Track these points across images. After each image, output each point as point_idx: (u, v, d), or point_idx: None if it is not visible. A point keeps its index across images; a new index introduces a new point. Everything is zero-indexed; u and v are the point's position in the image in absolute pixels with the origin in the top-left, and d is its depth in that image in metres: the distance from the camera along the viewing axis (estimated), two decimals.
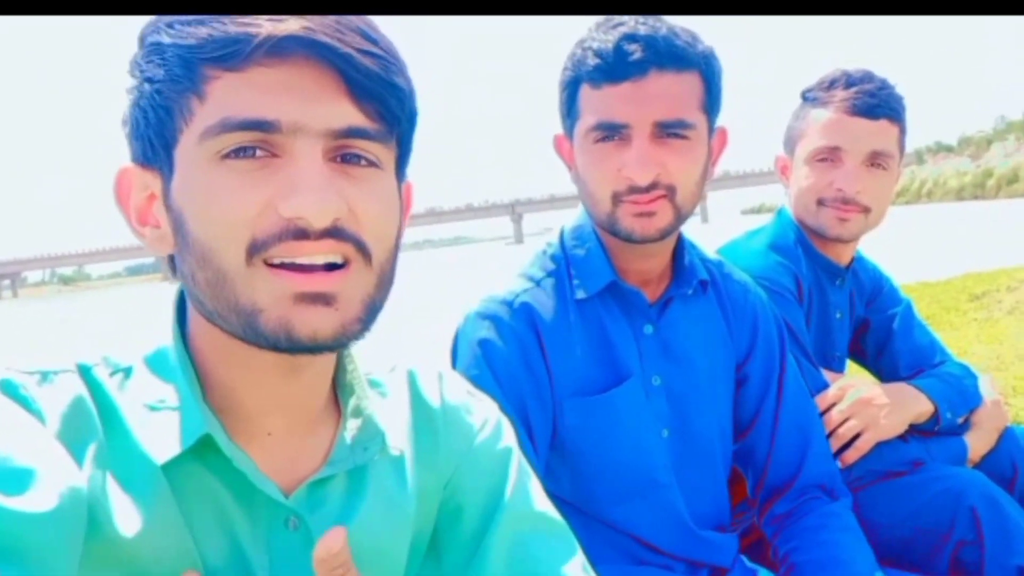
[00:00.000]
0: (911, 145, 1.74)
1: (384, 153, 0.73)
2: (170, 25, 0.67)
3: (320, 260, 0.67)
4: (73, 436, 0.66)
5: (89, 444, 0.67)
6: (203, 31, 0.65)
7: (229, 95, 0.65)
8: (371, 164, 0.71)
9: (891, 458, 1.60)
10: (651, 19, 1.23)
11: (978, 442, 1.68)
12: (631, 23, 1.22)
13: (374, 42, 0.69)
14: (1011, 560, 1.38)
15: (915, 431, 1.64)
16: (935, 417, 1.64)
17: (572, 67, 1.28)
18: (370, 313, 0.72)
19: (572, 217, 1.44)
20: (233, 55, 0.64)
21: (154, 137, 0.69)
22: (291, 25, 0.65)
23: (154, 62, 0.67)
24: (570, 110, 1.31)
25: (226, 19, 0.65)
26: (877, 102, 1.66)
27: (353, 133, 0.69)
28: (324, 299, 0.68)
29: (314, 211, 0.65)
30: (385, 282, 0.74)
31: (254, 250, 0.66)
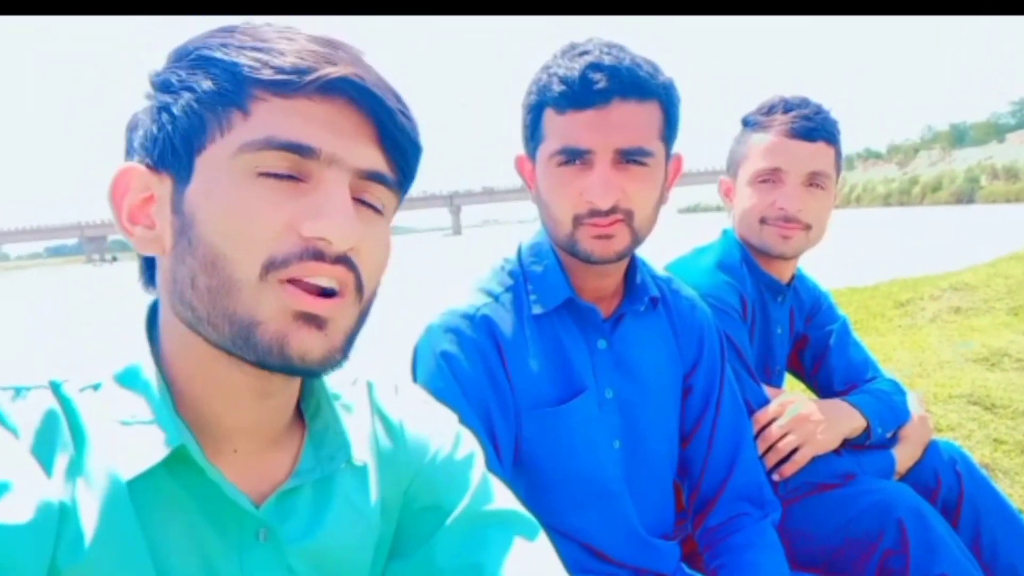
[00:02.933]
0: (843, 151, 1.83)
1: (389, 200, 0.78)
2: (223, 45, 0.70)
3: (326, 283, 0.71)
4: (46, 451, 0.67)
5: (60, 459, 0.67)
6: (260, 56, 0.69)
7: (275, 117, 0.69)
8: (377, 211, 0.77)
9: (825, 471, 1.67)
10: (615, 48, 1.27)
11: (905, 455, 1.77)
12: (596, 52, 1.26)
13: (403, 103, 0.76)
14: (934, 569, 1.46)
15: (848, 445, 1.72)
16: (867, 432, 1.73)
17: (537, 92, 1.31)
18: (349, 343, 0.76)
19: (529, 234, 1.48)
20: (287, 84, 0.69)
21: (179, 142, 0.71)
22: (344, 69, 0.70)
23: (198, 74, 0.70)
24: (533, 133, 1.34)
25: (281, 49, 0.70)
26: (814, 125, 1.74)
27: (376, 176, 0.74)
28: (318, 322, 0.71)
29: (339, 234, 0.69)
30: (364, 318, 0.78)
31: (270, 267, 0.68)
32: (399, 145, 0.75)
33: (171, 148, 0.72)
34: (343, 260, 0.71)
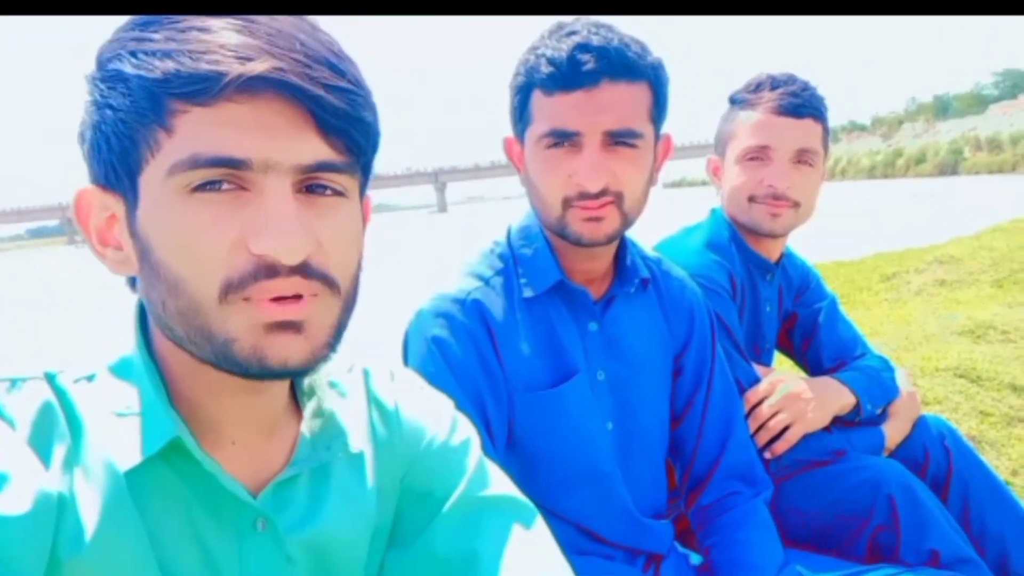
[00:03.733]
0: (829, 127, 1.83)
1: (349, 182, 0.74)
2: (132, 53, 0.65)
3: (290, 293, 0.68)
4: (42, 442, 0.67)
5: (57, 451, 0.67)
6: (170, 65, 0.64)
7: (198, 130, 0.65)
8: (337, 193, 0.72)
9: (816, 448, 1.68)
10: (603, 28, 1.25)
11: (895, 431, 1.78)
12: (584, 32, 1.24)
13: (342, 74, 0.69)
14: (924, 544, 1.47)
15: (838, 422, 1.73)
16: (857, 409, 1.74)
17: (525, 73, 1.29)
18: (337, 336, 0.74)
19: (519, 217, 1.47)
20: (202, 92, 0.64)
21: (117, 164, 0.68)
22: (261, 65, 0.64)
23: (117, 89, 0.66)
24: (521, 115, 1.33)
25: (194, 53, 0.64)
26: (801, 102, 1.74)
27: (321, 167, 0.69)
28: (294, 327, 0.69)
29: (286, 250, 0.66)
30: (350, 305, 0.76)
31: (228, 289, 0.66)
32: (339, 129, 0.69)
33: (113, 170, 0.69)
34: (300, 270, 0.68)
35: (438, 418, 0.95)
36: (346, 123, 0.69)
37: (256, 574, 0.76)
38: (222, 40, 0.65)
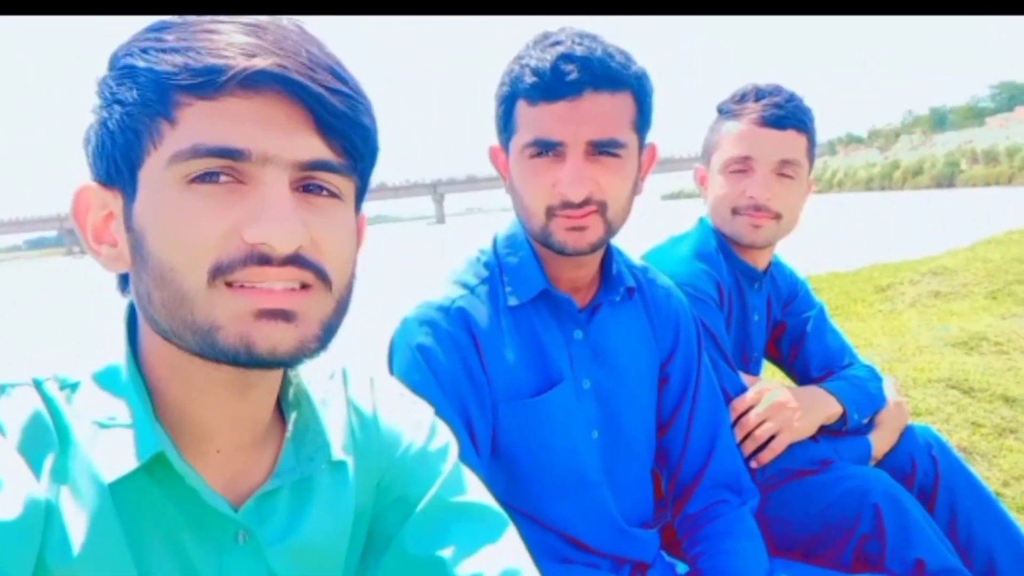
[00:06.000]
0: (825, 136, 1.83)
1: (345, 185, 0.75)
2: (144, 51, 0.68)
3: (280, 286, 0.69)
4: (32, 449, 0.67)
5: (46, 458, 0.67)
6: (178, 59, 0.66)
7: (201, 122, 0.67)
8: (332, 195, 0.73)
9: (802, 458, 1.69)
10: (587, 39, 1.26)
11: (881, 441, 1.79)
12: (568, 42, 1.25)
13: (344, 81, 0.71)
14: (910, 553, 1.48)
15: (824, 431, 1.74)
16: (843, 418, 1.74)
17: (509, 83, 1.30)
18: (327, 333, 0.74)
19: (504, 226, 1.47)
20: (207, 84, 0.66)
21: (120, 158, 0.70)
22: (265, 61, 0.66)
23: (126, 85, 0.68)
24: (506, 124, 1.33)
25: (201, 49, 0.66)
26: (784, 113, 1.74)
27: (319, 166, 0.71)
28: (284, 315, 0.69)
29: (279, 238, 0.67)
30: (342, 308, 0.76)
31: (217, 272, 0.67)
32: (338, 130, 0.71)
33: (115, 165, 0.71)
34: (293, 260, 0.69)
35: (416, 424, 0.95)
36: (345, 125, 0.71)
37: None
38: (230, 39, 0.67)
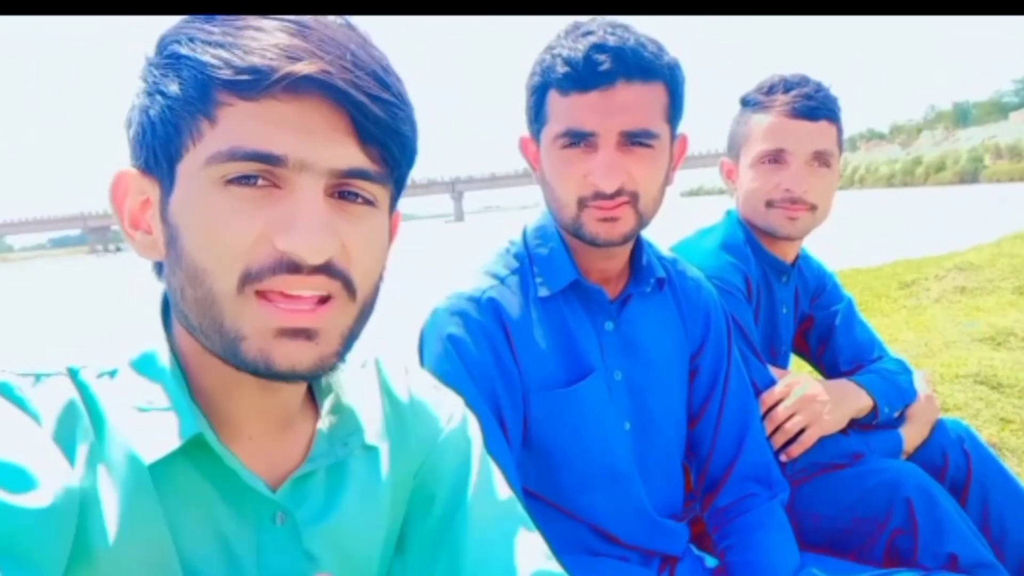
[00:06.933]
0: (845, 133, 1.82)
1: (381, 193, 0.75)
2: (191, 39, 0.68)
3: (308, 293, 0.69)
4: (66, 437, 0.68)
5: (81, 446, 0.68)
6: (223, 54, 0.66)
7: (240, 124, 0.67)
8: (367, 202, 0.74)
9: (832, 451, 1.67)
10: (620, 29, 1.26)
11: (913, 434, 1.77)
12: (600, 32, 1.25)
13: (386, 87, 0.71)
14: (942, 548, 1.46)
15: (855, 425, 1.72)
16: (874, 412, 1.73)
17: (541, 73, 1.30)
18: (347, 345, 0.75)
19: (534, 217, 1.47)
20: (250, 85, 0.66)
21: (159, 149, 0.70)
22: (310, 66, 0.66)
23: (169, 76, 0.69)
24: (537, 115, 1.33)
25: (247, 46, 0.66)
26: (816, 104, 1.73)
27: (355, 174, 0.71)
28: (306, 334, 0.70)
29: (310, 249, 0.67)
30: (365, 314, 0.77)
31: (246, 280, 0.67)
32: (377, 139, 0.71)
33: (154, 156, 0.71)
34: (323, 269, 0.69)
35: (450, 416, 0.96)
36: (384, 133, 0.71)
37: (273, 567, 0.77)
38: (274, 40, 0.67)
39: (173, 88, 0.68)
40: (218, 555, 0.75)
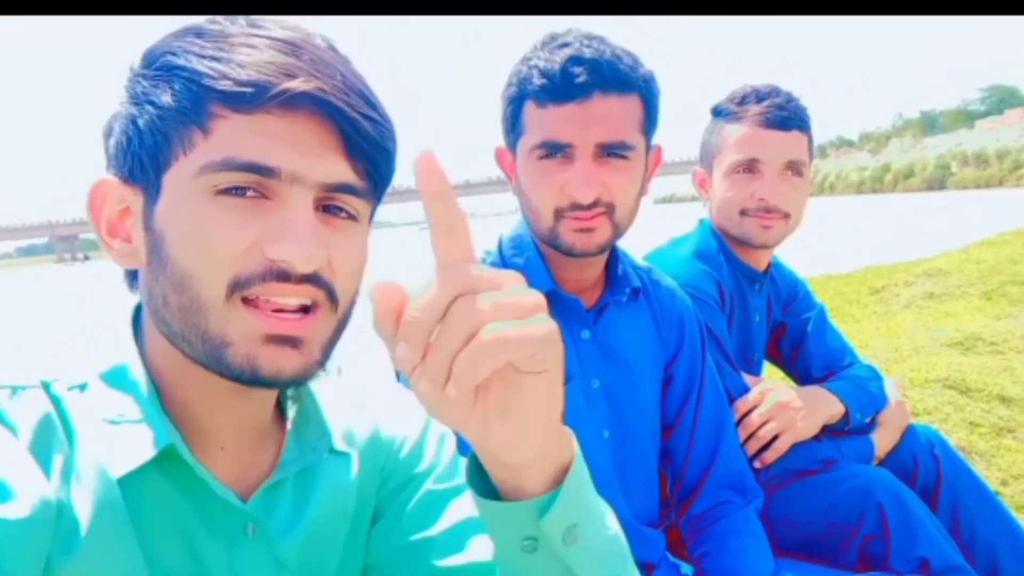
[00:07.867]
0: (815, 140, 1.85)
1: (364, 208, 0.77)
2: (185, 52, 0.69)
3: (295, 302, 0.70)
4: (43, 450, 0.68)
5: (56, 458, 0.68)
6: (217, 67, 0.67)
7: (235, 136, 0.68)
8: (350, 217, 0.75)
9: (805, 457, 1.69)
10: (596, 41, 1.27)
11: (884, 440, 1.79)
12: (577, 44, 1.26)
13: (373, 106, 0.73)
14: (914, 552, 1.48)
15: (827, 431, 1.74)
16: (846, 418, 1.75)
17: (517, 84, 1.31)
18: (327, 354, 0.76)
19: (509, 226, 1.48)
20: (247, 100, 0.67)
21: (146, 158, 0.71)
22: (306, 83, 0.68)
23: (160, 86, 0.69)
24: (514, 125, 1.34)
25: (242, 61, 0.68)
26: (788, 114, 1.76)
27: (343, 188, 0.72)
28: (292, 342, 0.71)
29: (301, 257, 0.68)
30: (343, 325, 0.78)
31: (235, 287, 0.68)
32: (366, 154, 0.73)
33: (139, 164, 0.71)
34: (310, 279, 0.70)
35: (416, 416, 0.96)
36: (373, 150, 0.73)
37: None
38: (267, 57, 0.68)
39: (165, 98, 0.69)
40: (189, 568, 0.74)
